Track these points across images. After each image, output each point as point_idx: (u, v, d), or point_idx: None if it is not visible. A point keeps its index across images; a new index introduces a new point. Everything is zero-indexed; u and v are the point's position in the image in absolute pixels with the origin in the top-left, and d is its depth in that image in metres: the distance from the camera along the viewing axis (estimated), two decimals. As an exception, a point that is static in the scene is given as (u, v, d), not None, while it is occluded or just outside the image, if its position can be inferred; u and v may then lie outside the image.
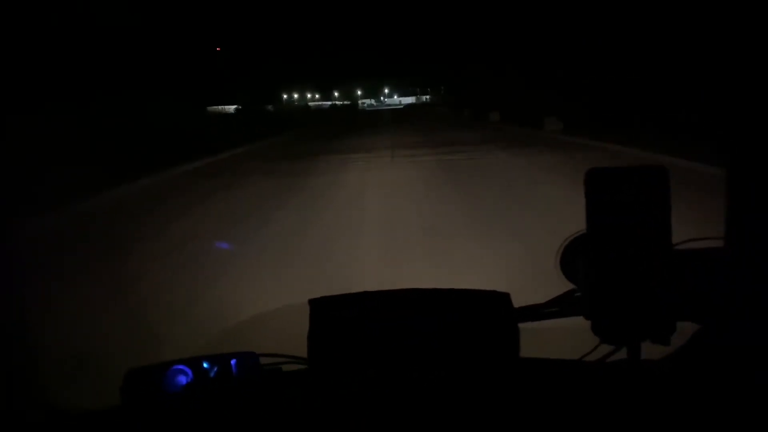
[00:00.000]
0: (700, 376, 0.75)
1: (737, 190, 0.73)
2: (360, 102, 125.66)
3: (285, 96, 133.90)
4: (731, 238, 0.73)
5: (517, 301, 0.88)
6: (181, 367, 0.79)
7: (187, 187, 10.45)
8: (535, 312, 0.85)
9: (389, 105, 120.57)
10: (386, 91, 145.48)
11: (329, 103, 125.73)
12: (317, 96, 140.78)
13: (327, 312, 0.81)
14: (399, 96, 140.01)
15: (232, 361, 0.81)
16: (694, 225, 0.88)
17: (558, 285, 0.87)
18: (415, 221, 6.17)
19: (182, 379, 0.79)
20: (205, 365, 0.80)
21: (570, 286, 0.85)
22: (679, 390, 0.74)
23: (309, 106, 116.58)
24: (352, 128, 29.75)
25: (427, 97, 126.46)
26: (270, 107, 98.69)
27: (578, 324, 0.78)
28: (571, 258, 0.83)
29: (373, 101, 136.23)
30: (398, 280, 3.03)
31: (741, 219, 0.72)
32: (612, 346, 0.78)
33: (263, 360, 0.84)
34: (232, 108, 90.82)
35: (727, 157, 0.74)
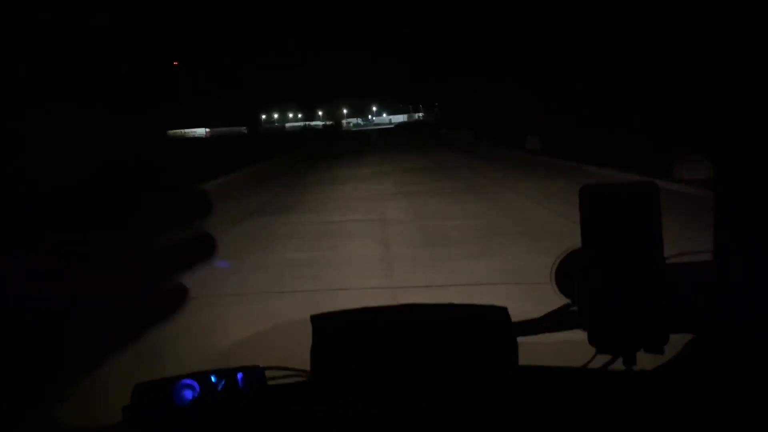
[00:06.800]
0: (691, 384, 0.85)
1: (724, 204, 0.84)
2: (345, 121, 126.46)
3: (264, 116, 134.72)
4: (720, 252, 0.84)
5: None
6: (188, 381, 0.88)
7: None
8: (533, 326, 0.95)
9: (378, 124, 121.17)
10: (374, 109, 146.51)
11: (304, 123, 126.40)
12: (299, 115, 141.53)
13: (329, 327, 0.91)
14: (389, 114, 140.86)
15: (239, 375, 0.90)
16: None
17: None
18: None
19: (189, 394, 0.88)
20: (212, 379, 0.89)
21: (565, 300, 0.96)
22: (671, 398, 0.84)
23: (285, 128, 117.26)
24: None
25: (420, 114, 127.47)
26: (244, 129, 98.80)
27: (574, 337, 0.89)
28: (566, 273, 0.94)
29: (360, 120, 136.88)
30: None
31: (729, 233, 0.84)
32: (608, 356, 0.88)
33: (268, 373, 0.93)
34: (202, 131, 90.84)
35: (714, 172, 0.86)
